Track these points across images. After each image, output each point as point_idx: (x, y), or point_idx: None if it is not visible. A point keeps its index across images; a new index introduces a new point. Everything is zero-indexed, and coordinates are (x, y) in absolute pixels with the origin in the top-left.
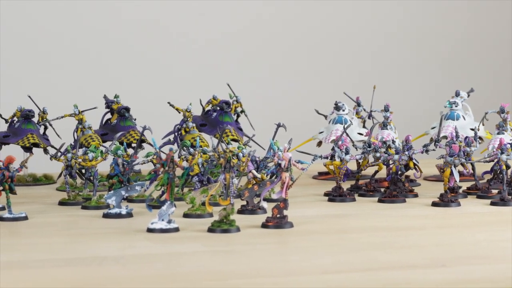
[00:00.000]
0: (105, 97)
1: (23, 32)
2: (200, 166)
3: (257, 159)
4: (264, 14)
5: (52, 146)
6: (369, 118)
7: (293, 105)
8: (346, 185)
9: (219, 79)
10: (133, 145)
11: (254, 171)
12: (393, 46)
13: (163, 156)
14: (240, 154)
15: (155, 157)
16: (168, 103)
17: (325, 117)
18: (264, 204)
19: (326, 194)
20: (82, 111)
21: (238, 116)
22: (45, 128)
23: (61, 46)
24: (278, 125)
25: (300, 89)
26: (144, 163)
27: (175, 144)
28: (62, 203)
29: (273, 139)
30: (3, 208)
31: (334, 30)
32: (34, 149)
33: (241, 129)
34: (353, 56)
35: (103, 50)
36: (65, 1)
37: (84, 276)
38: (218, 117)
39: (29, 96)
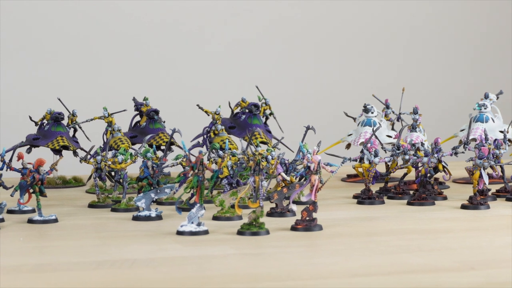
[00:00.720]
0: (134, 99)
1: (53, 37)
2: (229, 168)
3: (286, 161)
4: (291, 15)
5: (82, 149)
6: (397, 120)
7: (321, 108)
8: (375, 188)
9: (248, 82)
10: (162, 147)
11: (283, 174)
12: (422, 48)
13: (193, 159)
14: (269, 157)
15: (184, 159)
16: (197, 105)
17: (354, 119)
18: (293, 207)
19: (355, 197)
20: (112, 114)
21: (266, 118)
22: (75, 130)
23: (90, 50)
24: (308, 128)
25: (329, 91)
26: (173, 165)
27: (204, 146)
28: (91, 205)
29: (302, 141)
30: (33, 211)
31: (362, 32)
32: (64, 152)
33: (269, 132)
34: (382, 58)
35: (132, 54)
36: (92, 7)
37: (115, 278)
38: (247, 119)
39: (59, 99)
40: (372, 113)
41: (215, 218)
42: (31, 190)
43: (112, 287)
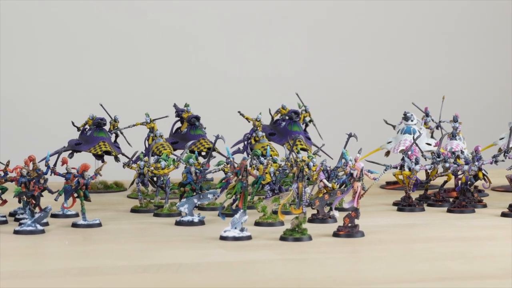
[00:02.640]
0: (175, 105)
1: (96, 42)
2: (271, 175)
3: (328, 168)
4: (330, 21)
5: (123, 154)
6: (437, 128)
7: (360, 115)
8: (414, 195)
9: (288, 89)
10: (203, 153)
11: (325, 180)
12: (462, 56)
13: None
14: (310, 164)
15: (228, 166)
16: (238, 112)
17: (394, 127)
18: (336, 213)
19: (395, 204)
20: (154, 120)
21: (306, 125)
22: (116, 136)
23: (133, 57)
24: (350, 135)
25: (368, 99)
26: (215, 171)
27: (245, 153)
28: (134, 210)
29: (344, 148)
30: (76, 215)
31: (402, 39)
32: (105, 157)
33: (309, 139)
34: (422, 67)
35: (172, 58)
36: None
37: (161, 283)
38: (287, 126)
39: (101, 105)
40: (412, 121)
41: (257, 224)
42: (75, 195)
43: None
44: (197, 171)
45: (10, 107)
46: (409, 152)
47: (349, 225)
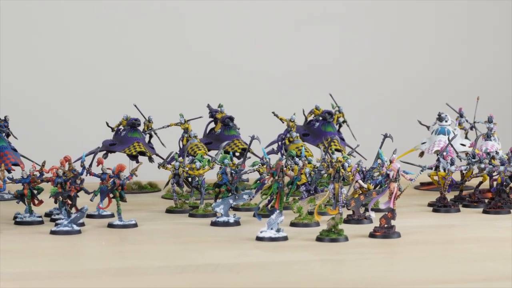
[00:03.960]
0: (208, 106)
1: (130, 42)
2: (307, 175)
3: (364, 169)
4: (364, 26)
5: (157, 155)
6: (471, 129)
7: (394, 116)
8: (449, 196)
9: (321, 89)
10: (237, 154)
11: (360, 181)
12: (497, 56)
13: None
14: (346, 164)
15: (264, 166)
16: (273, 113)
17: (428, 127)
18: (372, 214)
19: (430, 205)
20: (188, 120)
21: (340, 126)
22: (150, 136)
23: (165, 55)
24: (385, 136)
25: (401, 99)
26: (250, 172)
27: (279, 153)
28: (169, 211)
29: (380, 149)
30: (112, 215)
31: (436, 39)
32: (139, 158)
33: (343, 139)
34: (457, 67)
35: (206, 59)
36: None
37: (199, 283)
38: (321, 127)
39: (135, 105)
40: (446, 121)
41: (292, 224)
42: (111, 195)
43: None
44: (232, 171)
45: (44, 108)
46: (444, 153)
47: (386, 226)
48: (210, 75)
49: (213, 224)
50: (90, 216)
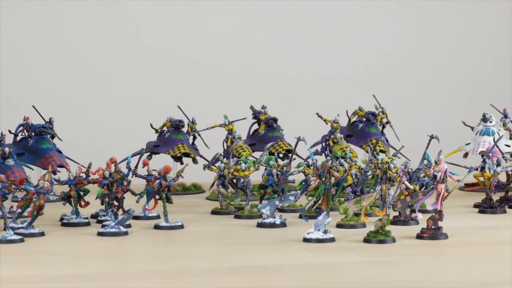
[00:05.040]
0: (252, 108)
1: (169, 44)
2: (353, 176)
3: (410, 170)
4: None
5: (201, 156)
6: None
7: (438, 116)
8: (495, 197)
9: (364, 90)
10: (281, 155)
11: (406, 182)
12: None
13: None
14: (391, 166)
15: (310, 167)
16: (317, 114)
17: (472, 128)
18: (419, 215)
19: (475, 206)
20: (232, 122)
21: (383, 127)
22: (194, 138)
23: (208, 56)
24: (431, 137)
25: (445, 100)
26: (295, 173)
27: (323, 154)
28: (214, 212)
29: (426, 150)
30: (158, 217)
31: (482, 40)
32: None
33: (387, 141)
34: (501, 66)
35: (252, 60)
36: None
37: (248, 285)
38: (365, 128)
39: (179, 107)
40: (491, 122)
41: (339, 226)
42: (157, 197)
43: None
44: (278, 173)
45: (89, 110)
46: (490, 154)
47: (433, 227)
48: (254, 76)
49: (259, 225)
50: (136, 217)
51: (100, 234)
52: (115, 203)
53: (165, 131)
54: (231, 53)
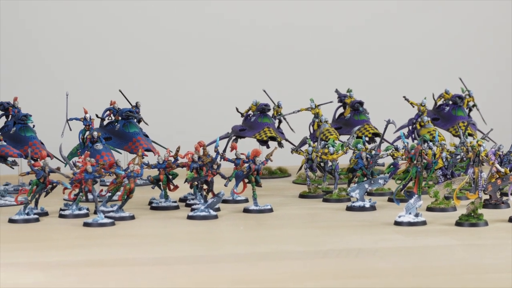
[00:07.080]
0: (337, 91)
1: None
2: (444, 160)
3: (501, 153)
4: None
5: (287, 140)
6: None
7: None
8: None
9: (451, 73)
10: (367, 138)
11: (497, 165)
12: None
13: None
14: (481, 149)
15: (402, 150)
16: (404, 97)
17: None
18: (511, 198)
19: None
20: (319, 105)
21: (470, 110)
22: (279, 122)
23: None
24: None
25: None
26: (384, 156)
27: (410, 138)
28: (302, 195)
29: None
30: (246, 200)
31: None
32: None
33: (474, 124)
34: None
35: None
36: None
37: (343, 267)
38: (451, 111)
39: (264, 90)
40: None
41: (429, 209)
42: (246, 180)
43: (344, 275)
44: (368, 156)
45: (175, 94)
46: None
47: None
48: (339, 60)
49: (349, 209)
50: (224, 201)
51: (190, 217)
52: (205, 186)
53: (250, 115)
54: (320, 35)
